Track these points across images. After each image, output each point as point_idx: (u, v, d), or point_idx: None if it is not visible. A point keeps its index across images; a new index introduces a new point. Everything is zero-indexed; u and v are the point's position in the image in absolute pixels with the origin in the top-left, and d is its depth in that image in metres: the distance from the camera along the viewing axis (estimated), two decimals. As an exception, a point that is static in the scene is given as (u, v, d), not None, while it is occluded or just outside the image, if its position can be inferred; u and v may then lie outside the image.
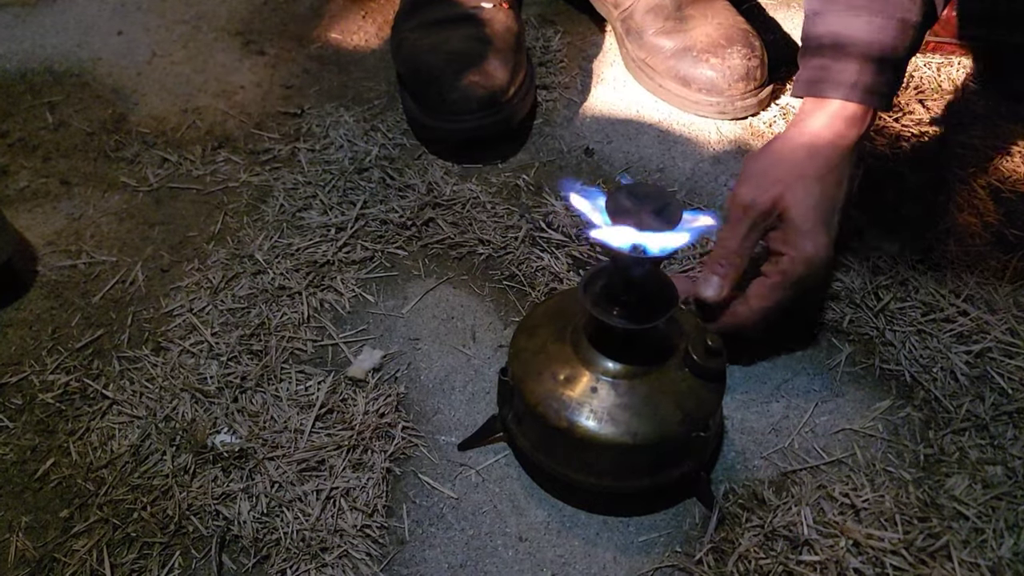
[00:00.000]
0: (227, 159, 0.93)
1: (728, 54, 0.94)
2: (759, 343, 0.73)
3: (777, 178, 0.68)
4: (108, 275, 0.81)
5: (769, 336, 0.71)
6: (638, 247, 0.53)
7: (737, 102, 0.95)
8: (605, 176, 0.91)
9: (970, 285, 0.78)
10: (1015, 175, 0.90)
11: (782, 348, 0.75)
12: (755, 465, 0.67)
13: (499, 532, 0.64)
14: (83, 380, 0.72)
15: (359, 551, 0.62)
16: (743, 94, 0.95)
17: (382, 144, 0.94)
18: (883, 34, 0.68)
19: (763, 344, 0.75)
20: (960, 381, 0.72)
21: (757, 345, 0.75)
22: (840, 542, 0.61)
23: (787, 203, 0.67)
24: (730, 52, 0.94)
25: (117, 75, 1.04)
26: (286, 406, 0.70)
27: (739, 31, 0.97)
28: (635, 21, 1.00)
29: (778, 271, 0.67)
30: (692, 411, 0.59)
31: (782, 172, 0.68)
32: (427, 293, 0.80)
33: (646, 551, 0.63)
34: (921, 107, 0.98)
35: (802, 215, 0.66)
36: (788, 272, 0.67)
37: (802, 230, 0.66)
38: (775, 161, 0.69)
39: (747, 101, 0.95)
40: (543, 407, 0.60)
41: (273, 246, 0.83)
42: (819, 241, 0.67)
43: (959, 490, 0.64)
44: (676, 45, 0.97)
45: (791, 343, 0.75)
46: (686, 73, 0.96)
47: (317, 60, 1.07)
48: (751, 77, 0.95)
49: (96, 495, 0.65)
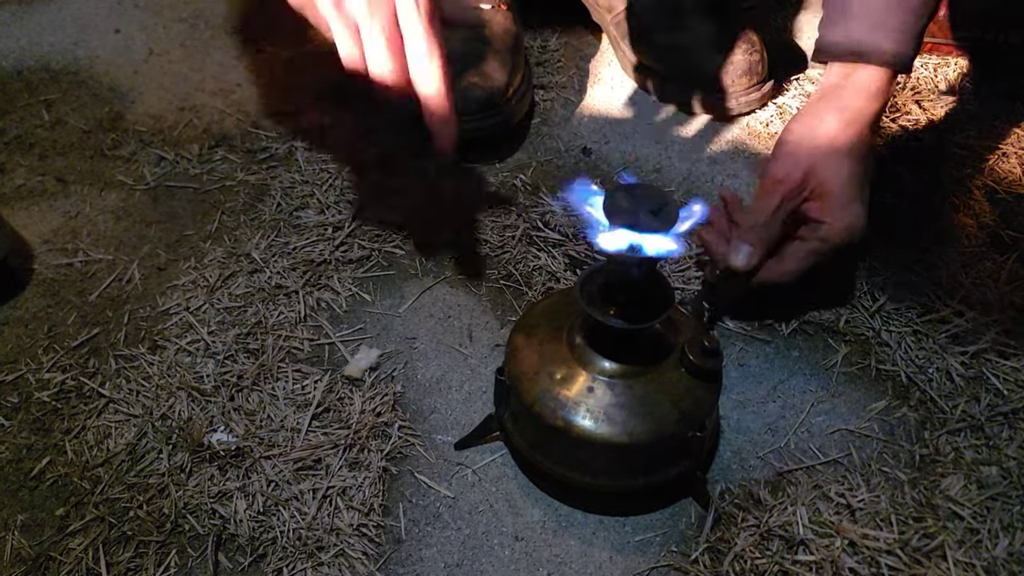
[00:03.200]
0: (224, 157, 0.93)
1: (729, 50, 0.94)
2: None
3: (809, 152, 0.70)
4: (104, 273, 0.81)
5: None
6: (635, 247, 0.53)
7: (741, 98, 0.95)
8: (603, 175, 0.91)
9: (966, 286, 0.79)
10: (1011, 176, 0.90)
11: (780, 348, 0.75)
12: (751, 465, 0.68)
13: (495, 531, 0.64)
14: (79, 378, 0.72)
15: (355, 550, 0.62)
16: (746, 89, 0.95)
17: (379, 143, 0.93)
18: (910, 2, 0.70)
19: (763, 343, 0.75)
20: (956, 382, 0.72)
21: (757, 344, 0.75)
22: (836, 542, 0.61)
23: (822, 176, 0.70)
24: (731, 48, 0.95)
25: (114, 73, 1.04)
26: (282, 405, 0.70)
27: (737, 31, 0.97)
28: (630, 24, 1.00)
29: (818, 238, 0.70)
30: (688, 411, 0.59)
31: (814, 146, 0.70)
32: (424, 292, 0.80)
33: (642, 551, 0.63)
34: (918, 108, 0.98)
35: (839, 187, 0.69)
36: (827, 239, 0.70)
37: (840, 201, 0.70)
38: (806, 135, 0.71)
39: (750, 96, 0.96)
40: (539, 406, 0.60)
41: (270, 245, 0.83)
42: (856, 211, 0.70)
43: (954, 490, 0.65)
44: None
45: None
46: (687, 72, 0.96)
47: (315, 58, 1.07)
48: (753, 72, 0.95)
49: (92, 493, 0.65)
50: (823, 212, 0.70)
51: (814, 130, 0.71)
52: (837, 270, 0.79)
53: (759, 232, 0.70)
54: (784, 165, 0.71)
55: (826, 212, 0.70)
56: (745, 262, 0.70)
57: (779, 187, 0.70)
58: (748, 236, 0.70)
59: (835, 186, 0.70)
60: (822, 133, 0.71)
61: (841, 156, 0.70)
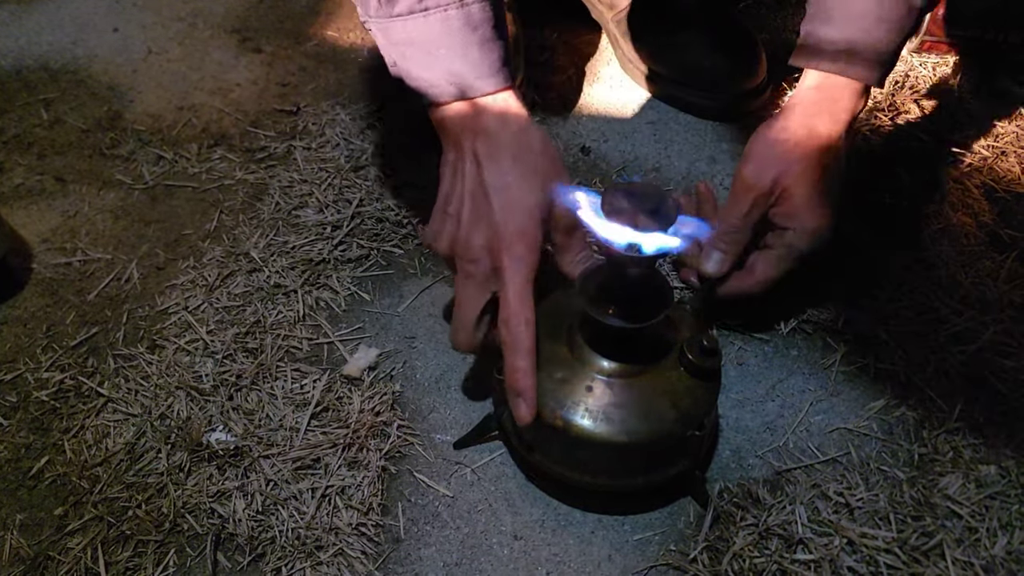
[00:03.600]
0: (223, 157, 0.93)
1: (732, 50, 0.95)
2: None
3: (778, 157, 0.70)
4: (103, 273, 0.81)
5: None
6: (633, 246, 0.53)
7: (738, 99, 0.95)
8: (602, 174, 0.91)
9: (964, 285, 0.79)
10: (1010, 175, 0.90)
11: (779, 347, 0.75)
12: (750, 464, 0.68)
13: (494, 530, 0.64)
14: (78, 378, 0.72)
15: (354, 549, 0.62)
16: (745, 91, 0.95)
17: (378, 142, 0.94)
18: (891, 12, 0.69)
19: (762, 342, 0.75)
20: (954, 381, 0.72)
21: (755, 343, 0.75)
22: (834, 541, 0.62)
23: (789, 181, 0.69)
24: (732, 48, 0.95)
25: (113, 72, 1.04)
26: (281, 404, 0.70)
27: (737, 30, 0.97)
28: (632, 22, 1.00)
29: (783, 244, 0.70)
30: (687, 410, 0.59)
31: (783, 151, 0.70)
32: (423, 291, 0.80)
33: (641, 549, 0.63)
34: (916, 107, 0.98)
35: (804, 193, 0.69)
36: (793, 246, 0.69)
37: (805, 207, 0.69)
38: (776, 140, 0.71)
39: (747, 98, 0.96)
40: (538, 405, 0.60)
41: (269, 244, 0.83)
42: (822, 216, 0.69)
43: (953, 489, 0.65)
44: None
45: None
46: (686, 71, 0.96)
47: (313, 58, 1.07)
48: (751, 73, 0.95)
49: (91, 493, 0.65)
50: (789, 218, 0.69)
51: (785, 136, 0.70)
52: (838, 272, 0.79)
53: (731, 237, 0.70)
54: (754, 170, 0.70)
55: (792, 218, 0.69)
56: (717, 268, 0.70)
57: (750, 193, 0.69)
58: (719, 242, 0.70)
59: (799, 192, 0.69)
60: (792, 139, 0.70)
61: (810, 162, 0.69)
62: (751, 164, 0.71)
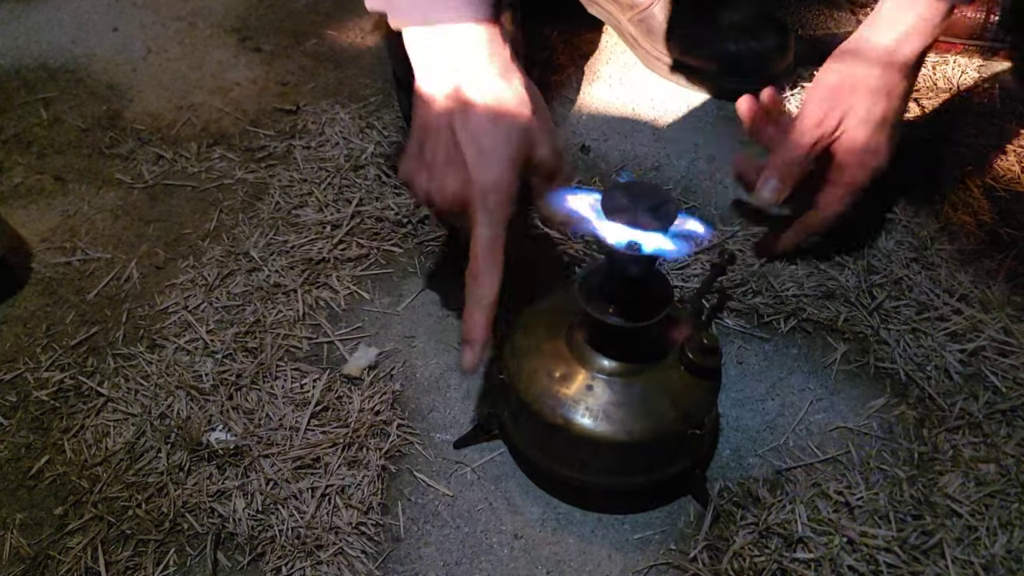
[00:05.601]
0: (222, 156, 0.93)
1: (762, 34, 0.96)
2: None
3: (847, 93, 0.71)
4: (103, 272, 0.81)
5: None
6: (633, 244, 0.53)
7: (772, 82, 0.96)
8: (601, 173, 0.91)
9: (964, 284, 0.79)
10: (1010, 174, 0.90)
11: (779, 346, 0.75)
12: (750, 463, 0.68)
13: (494, 530, 0.64)
14: (78, 377, 0.72)
15: (354, 549, 0.62)
16: (777, 73, 0.97)
17: (378, 141, 0.94)
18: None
19: (762, 341, 0.75)
20: (954, 379, 0.72)
21: (756, 342, 0.75)
22: (834, 540, 0.62)
23: (855, 120, 0.70)
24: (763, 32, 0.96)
25: (112, 71, 1.04)
26: (281, 404, 0.70)
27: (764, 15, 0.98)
28: (656, 20, 1.00)
29: (845, 181, 0.72)
30: (687, 409, 0.59)
31: (851, 88, 0.71)
32: (423, 290, 0.80)
33: (641, 548, 0.63)
34: (916, 105, 0.98)
35: (869, 131, 0.70)
36: (856, 183, 0.72)
37: (868, 145, 0.71)
38: (846, 77, 0.72)
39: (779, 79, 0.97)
40: (538, 405, 0.60)
41: (268, 243, 0.83)
42: (883, 152, 0.71)
43: (953, 488, 0.65)
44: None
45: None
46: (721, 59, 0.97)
47: (313, 57, 1.07)
48: (784, 55, 0.97)
49: (91, 492, 0.65)
50: (851, 153, 0.71)
51: (853, 71, 0.71)
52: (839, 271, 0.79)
53: (790, 170, 0.71)
54: (820, 107, 0.71)
55: (854, 153, 0.71)
56: (773, 196, 0.72)
57: (817, 129, 0.71)
58: (777, 171, 0.71)
59: (865, 131, 0.70)
60: (860, 74, 0.71)
61: (876, 97, 0.70)
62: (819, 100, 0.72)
